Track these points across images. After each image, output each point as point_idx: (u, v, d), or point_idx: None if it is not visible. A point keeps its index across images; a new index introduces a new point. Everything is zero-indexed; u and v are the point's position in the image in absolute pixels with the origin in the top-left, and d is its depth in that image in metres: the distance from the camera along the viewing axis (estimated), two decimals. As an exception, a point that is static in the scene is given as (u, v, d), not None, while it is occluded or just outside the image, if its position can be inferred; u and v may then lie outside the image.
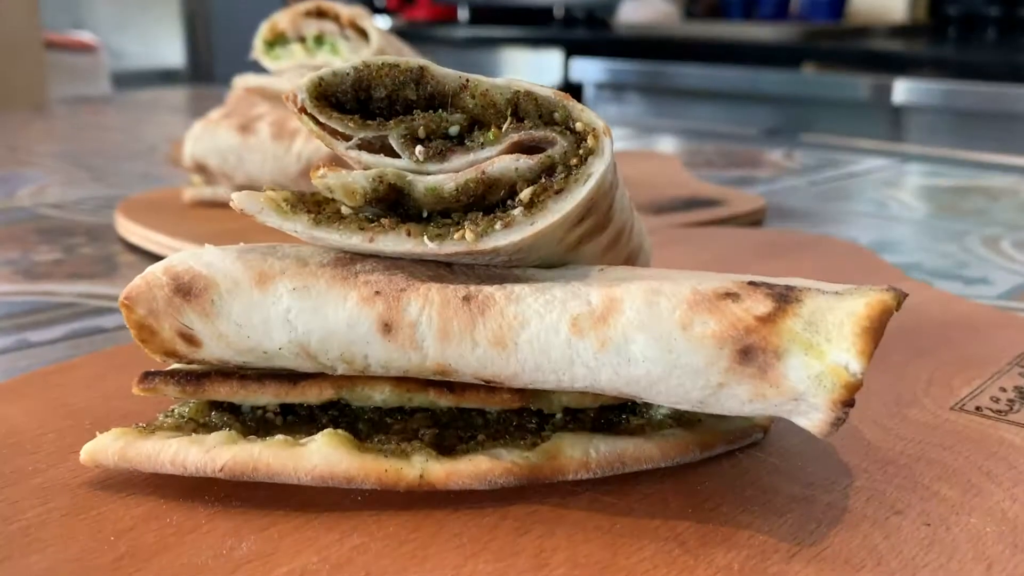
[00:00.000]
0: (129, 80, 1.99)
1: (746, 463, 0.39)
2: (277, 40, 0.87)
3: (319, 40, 0.84)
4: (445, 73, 0.39)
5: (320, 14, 0.85)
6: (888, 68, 2.44)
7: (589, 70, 2.94)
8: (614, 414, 0.39)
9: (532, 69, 3.10)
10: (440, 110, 0.39)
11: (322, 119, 0.39)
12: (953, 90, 2.30)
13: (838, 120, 2.54)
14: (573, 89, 2.96)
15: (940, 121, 2.38)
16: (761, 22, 2.94)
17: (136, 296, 0.37)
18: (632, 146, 1.35)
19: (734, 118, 2.74)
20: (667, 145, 1.41)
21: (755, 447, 0.40)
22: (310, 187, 0.43)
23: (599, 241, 0.42)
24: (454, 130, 0.38)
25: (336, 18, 0.84)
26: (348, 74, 0.39)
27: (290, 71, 0.85)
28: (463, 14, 3.47)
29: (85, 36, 1.78)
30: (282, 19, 0.86)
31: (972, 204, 0.97)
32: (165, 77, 2.07)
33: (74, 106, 1.68)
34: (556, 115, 0.38)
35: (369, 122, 0.39)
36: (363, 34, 0.83)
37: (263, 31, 0.87)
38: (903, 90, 2.38)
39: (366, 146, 0.39)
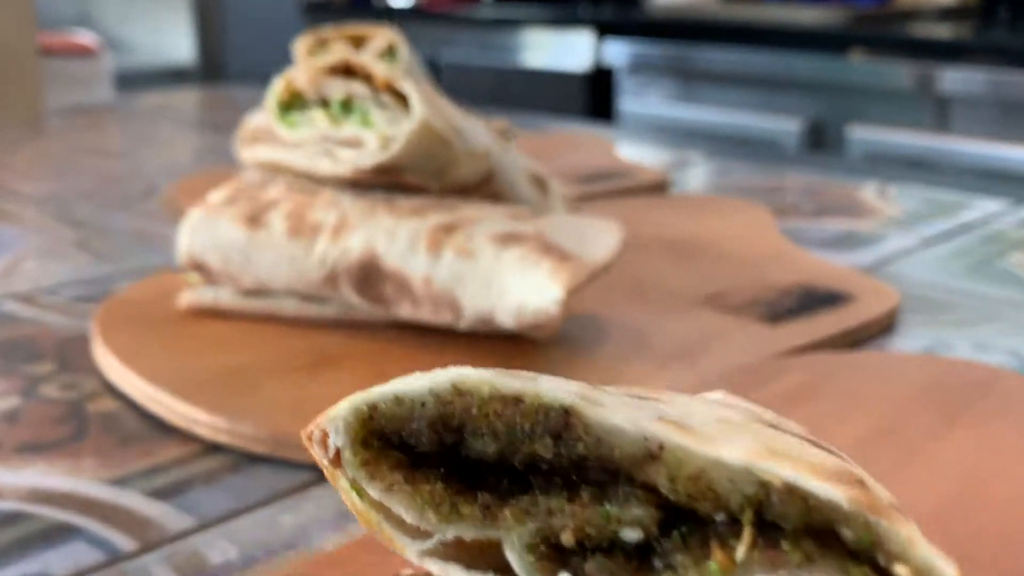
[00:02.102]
0: (136, 80, 1.80)
1: None
2: (294, 102, 0.67)
3: (346, 105, 0.65)
4: (612, 426, 0.19)
5: (348, 71, 0.66)
6: (937, 55, 2.24)
7: (621, 53, 2.73)
8: None
9: (560, 52, 2.89)
10: (605, 501, 0.19)
11: (374, 491, 0.20)
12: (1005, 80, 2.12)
13: (882, 109, 2.34)
14: (603, 73, 2.76)
15: (991, 112, 2.18)
16: (803, 4, 2.71)
17: None
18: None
19: (773, 106, 2.54)
20: (710, 166, 1.21)
21: None
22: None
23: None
24: (632, 536, 0.19)
25: (368, 78, 0.65)
26: (424, 406, 0.20)
27: (311, 144, 0.66)
28: (487, -7, 3.25)
29: (86, 37, 1.58)
30: (300, 76, 0.67)
31: None
32: (174, 76, 1.88)
33: (71, 120, 1.49)
34: (846, 533, 0.18)
35: (464, 507, 0.20)
36: (402, 99, 0.64)
37: (277, 90, 0.67)
38: (953, 79, 2.19)
39: (454, 551, 0.20)
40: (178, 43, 1.91)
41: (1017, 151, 2.08)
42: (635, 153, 1.29)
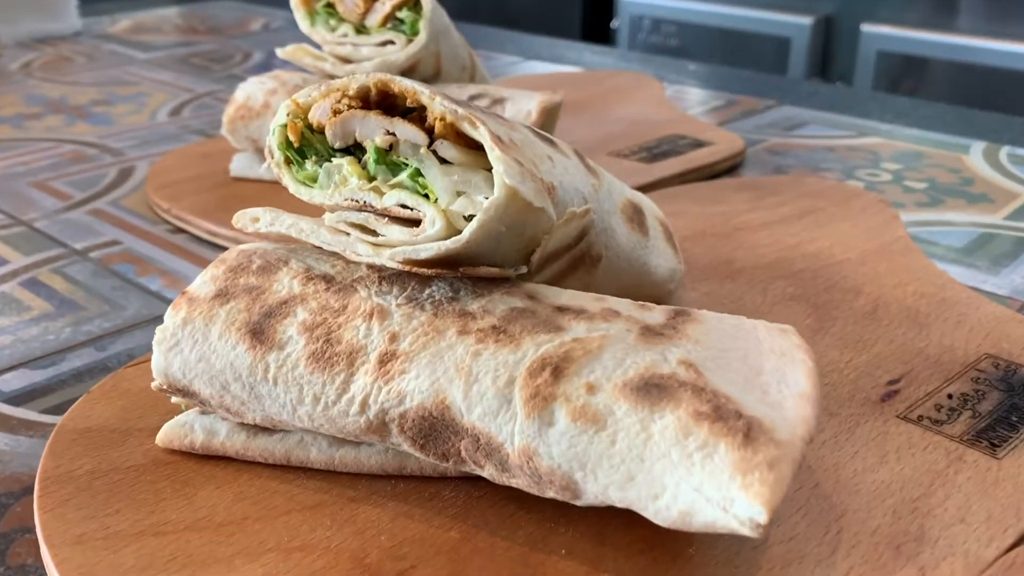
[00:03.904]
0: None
1: None
2: (307, 143, 0.43)
3: (387, 159, 0.41)
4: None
5: (386, 102, 0.41)
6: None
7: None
8: None
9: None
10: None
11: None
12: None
13: (896, 6, 2.09)
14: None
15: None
16: None
17: None
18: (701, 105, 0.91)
19: (781, 2, 2.27)
20: (770, 117, 0.96)
21: None
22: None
23: None
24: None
25: (416, 113, 0.40)
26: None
27: (338, 215, 0.42)
28: None
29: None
30: (317, 104, 0.42)
31: None
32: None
33: (29, 57, 1.21)
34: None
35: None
36: (470, 144, 0.39)
37: (282, 124, 0.43)
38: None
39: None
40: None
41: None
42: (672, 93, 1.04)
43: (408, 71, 0.75)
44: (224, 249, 0.66)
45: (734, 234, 0.66)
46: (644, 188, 0.74)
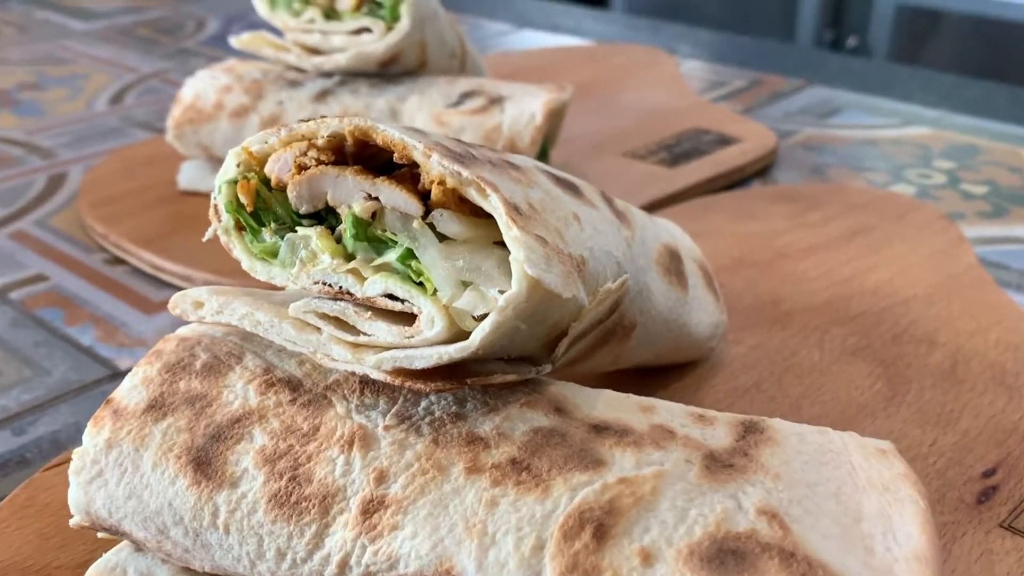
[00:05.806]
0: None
1: None
2: (264, 205, 0.34)
3: (369, 232, 0.32)
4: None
5: (366, 154, 0.33)
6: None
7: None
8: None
9: None
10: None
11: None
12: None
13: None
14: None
15: None
16: None
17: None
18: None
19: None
20: (797, 102, 0.88)
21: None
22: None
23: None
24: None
25: (407, 170, 0.32)
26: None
27: (306, 303, 0.33)
28: None
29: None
30: (277, 156, 0.34)
31: None
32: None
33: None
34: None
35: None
36: (476, 211, 0.31)
37: (229, 175, 0.34)
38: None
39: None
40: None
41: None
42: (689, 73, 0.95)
43: (388, 63, 0.66)
44: (171, 287, 0.57)
45: (777, 262, 0.58)
46: (667, 199, 0.66)
